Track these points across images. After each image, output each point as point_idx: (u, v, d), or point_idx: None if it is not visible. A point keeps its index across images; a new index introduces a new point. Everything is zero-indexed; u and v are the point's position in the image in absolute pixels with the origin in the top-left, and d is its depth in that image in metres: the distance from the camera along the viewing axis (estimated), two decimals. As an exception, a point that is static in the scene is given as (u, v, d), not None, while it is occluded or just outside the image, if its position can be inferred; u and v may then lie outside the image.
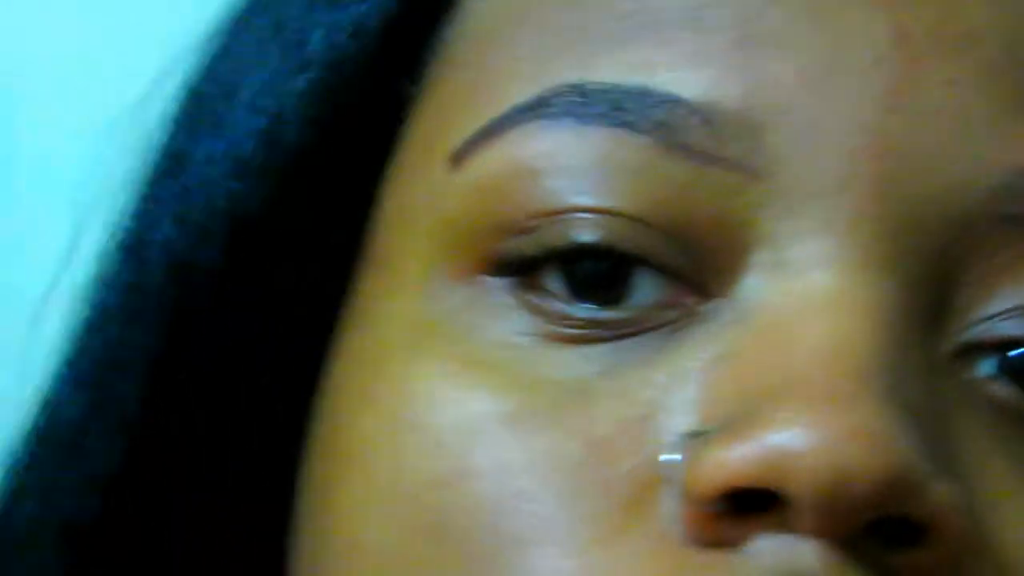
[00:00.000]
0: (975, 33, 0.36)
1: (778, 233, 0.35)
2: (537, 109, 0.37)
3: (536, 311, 0.36)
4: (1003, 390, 0.36)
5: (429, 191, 0.38)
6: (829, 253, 0.35)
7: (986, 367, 0.36)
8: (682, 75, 0.36)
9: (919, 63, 0.36)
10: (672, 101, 0.36)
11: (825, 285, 0.35)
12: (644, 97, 0.36)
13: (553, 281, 0.36)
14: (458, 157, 0.38)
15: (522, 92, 0.37)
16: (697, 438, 0.34)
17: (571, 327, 0.36)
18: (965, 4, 0.37)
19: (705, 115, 0.36)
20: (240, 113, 0.41)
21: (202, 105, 0.42)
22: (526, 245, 0.36)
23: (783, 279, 0.35)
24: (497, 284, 0.37)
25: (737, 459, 0.33)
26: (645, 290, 0.36)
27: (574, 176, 0.36)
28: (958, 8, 0.37)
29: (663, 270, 0.36)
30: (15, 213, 0.85)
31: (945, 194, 0.35)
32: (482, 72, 0.39)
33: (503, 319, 0.37)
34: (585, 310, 0.36)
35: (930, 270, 0.35)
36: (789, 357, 0.34)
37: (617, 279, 0.36)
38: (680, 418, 0.35)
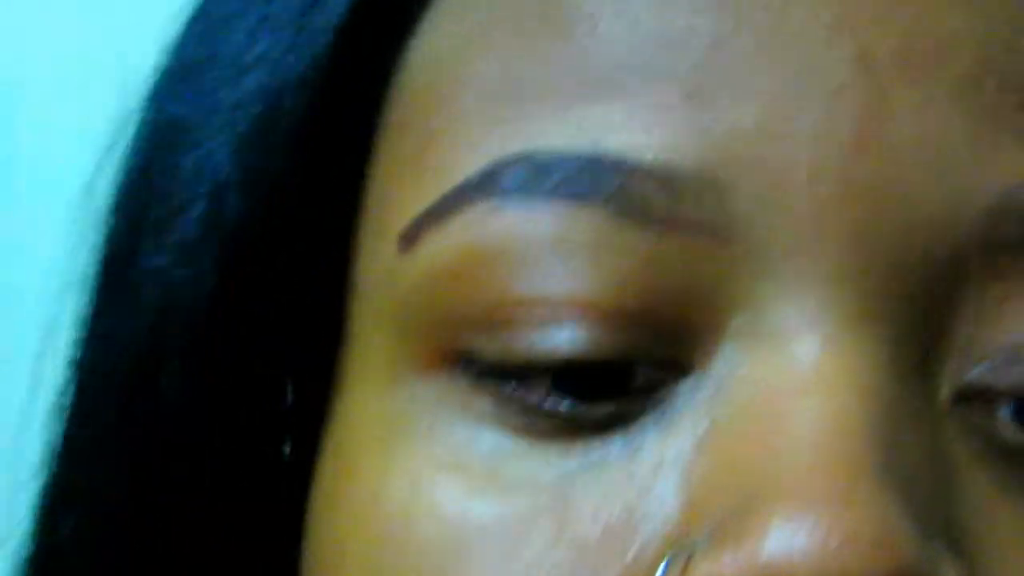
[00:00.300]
0: (946, 46, 0.33)
1: (753, 298, 0.33)
2: (486, 186, 0.34)
3: (507, 404, 0.33)
4: (1013, 434, 0.33)
5: (384, 272, 0.35)
6: (809, 317, 0.32)
7: (996, 411, 0.33)
8: (634, 136, 0.33)
9: (886, 91, 0.33)
10: (625, 167, 0.33)
11: (808, 357, 0.32)
12: (595, 164, 0.33)
13: (524, 375, 0.33)
14: (408, 238, 0.34)
15: (469, 164, 0.34)
16: (685, 548, 0.31)
17: (548, 420, 0.33)
18: (936, 14, 0.33)
19: (661, 178, 0.32)
20: (183, 192, 0.38)
21: (144, 190, 0.39)
22: (489, 349, 0.33)
23: (764, 349, 0.32)
24: (463, 375, 0.34)
25: None
26: (626, 377, 0.33)
27: (529, 262, 0.33)
28: (928, 20, 0.33)
29: (641, 355, 0.33)
30: (15, 213, 0.86)
31: (928, 231, 0.32)
32: (426, 138, 0.35)
33: (473, 414, 0.34)
34: (562, 403, 0.33)
35: (920, 315, 0.33)
36: (776, 444, 0.31)
37: (595, 372, 0.33)
38: (665, 518, 0.32)
